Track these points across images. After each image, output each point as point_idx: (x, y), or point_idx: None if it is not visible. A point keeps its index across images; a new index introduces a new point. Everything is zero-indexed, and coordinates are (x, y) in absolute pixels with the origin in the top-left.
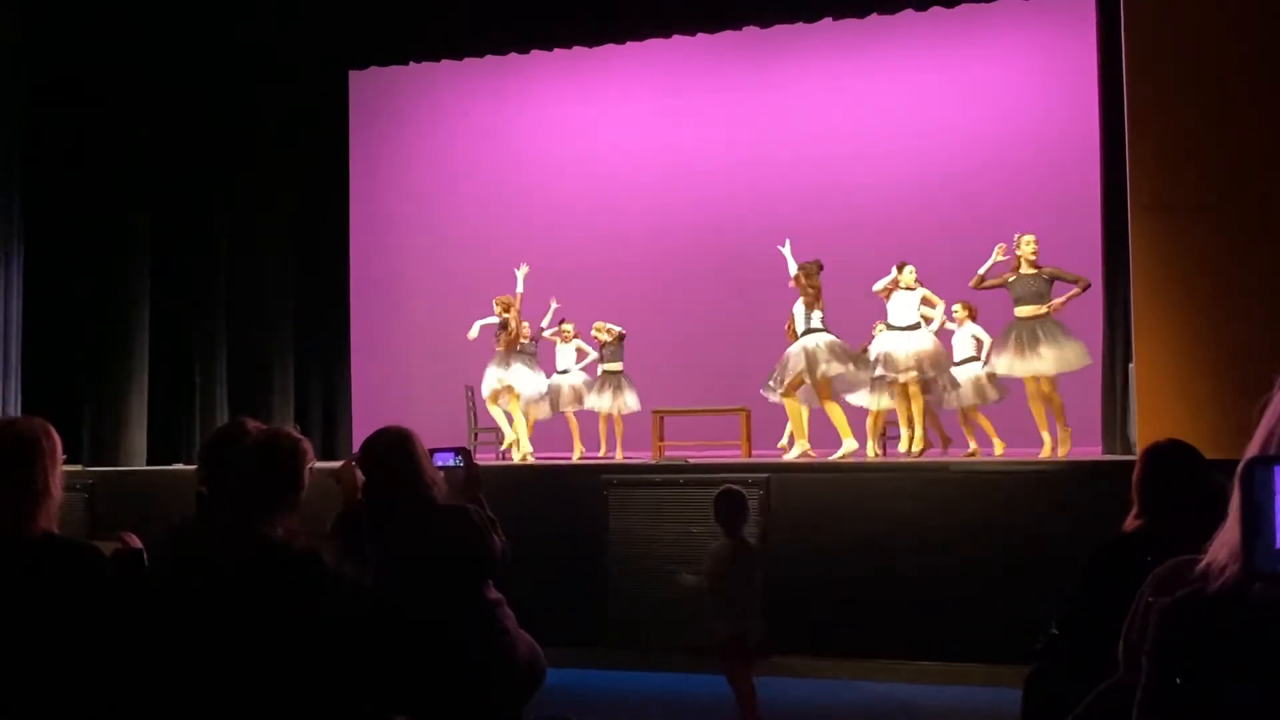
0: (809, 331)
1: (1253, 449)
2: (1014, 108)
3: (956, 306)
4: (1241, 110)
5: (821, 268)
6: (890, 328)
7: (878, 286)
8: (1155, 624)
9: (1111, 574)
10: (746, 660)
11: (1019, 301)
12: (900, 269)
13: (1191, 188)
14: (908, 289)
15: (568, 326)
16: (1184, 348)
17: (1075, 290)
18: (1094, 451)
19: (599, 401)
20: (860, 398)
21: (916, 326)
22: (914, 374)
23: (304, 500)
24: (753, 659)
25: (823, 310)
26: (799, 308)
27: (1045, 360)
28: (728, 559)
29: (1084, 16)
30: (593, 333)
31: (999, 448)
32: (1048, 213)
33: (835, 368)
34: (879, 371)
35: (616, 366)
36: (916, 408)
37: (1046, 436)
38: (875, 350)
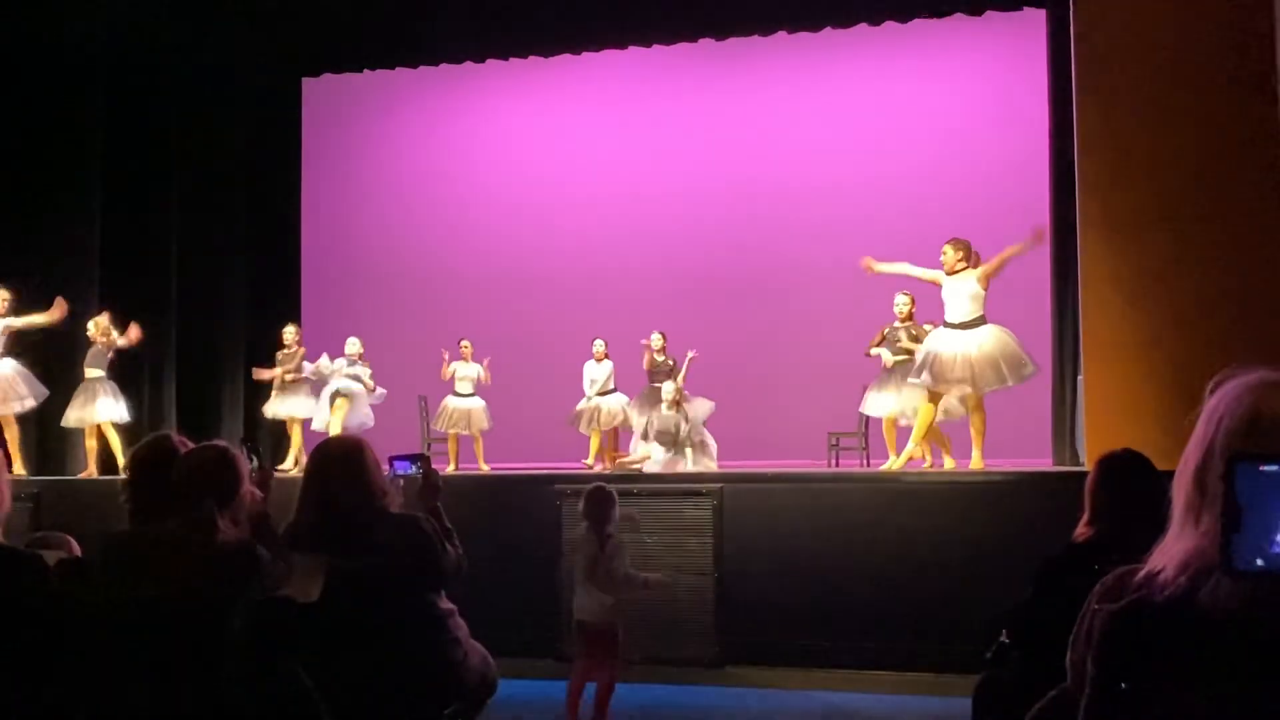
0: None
1: (1190, 457)
2: (966, 124)
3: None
4: (1187, 130)
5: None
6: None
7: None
8: (1100, 631)
9: (1062, 582)
10: (612, 647)
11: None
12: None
13: (1138, 205)
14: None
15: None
16: (1131, 361)
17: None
18: (1044, 463)
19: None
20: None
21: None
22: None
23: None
24: (617, 648)
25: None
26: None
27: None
28: (595, 553)
29: (1035, 36)
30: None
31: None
32: (998, 228)
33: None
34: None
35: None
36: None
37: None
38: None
